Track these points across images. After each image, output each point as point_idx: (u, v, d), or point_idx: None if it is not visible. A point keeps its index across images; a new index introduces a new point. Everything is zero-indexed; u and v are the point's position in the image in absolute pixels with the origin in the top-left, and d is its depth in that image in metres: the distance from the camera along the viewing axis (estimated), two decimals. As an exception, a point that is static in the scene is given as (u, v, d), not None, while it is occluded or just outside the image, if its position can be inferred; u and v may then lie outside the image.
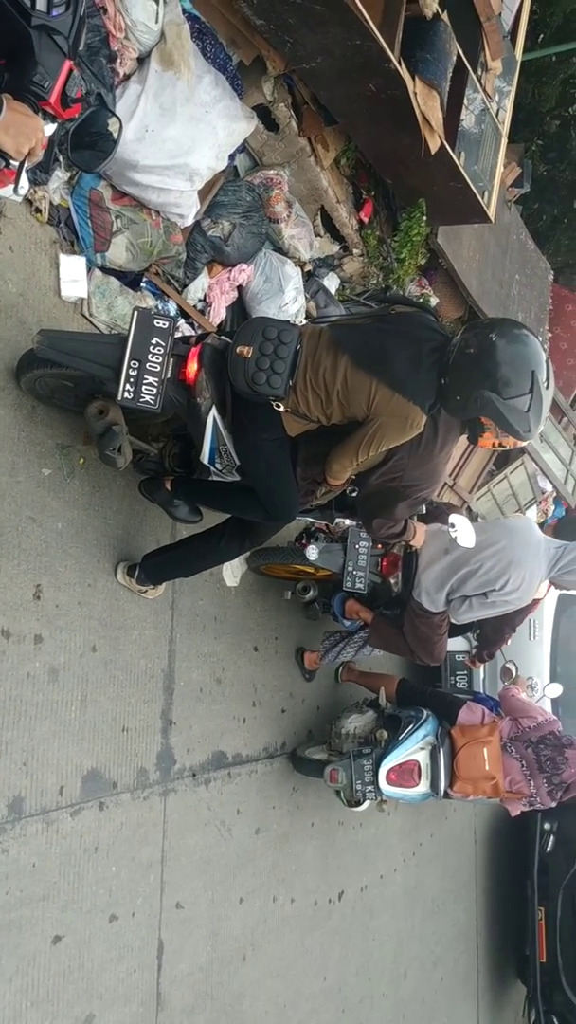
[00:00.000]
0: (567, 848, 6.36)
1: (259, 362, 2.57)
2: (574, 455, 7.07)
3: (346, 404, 2.63)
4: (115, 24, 3.17)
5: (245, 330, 2.63)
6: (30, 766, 2.85)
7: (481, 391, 2.47)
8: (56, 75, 1.96)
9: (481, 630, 4.45)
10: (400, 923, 5.45)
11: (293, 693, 4.51)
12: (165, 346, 2.57)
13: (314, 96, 3.95)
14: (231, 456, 2.83)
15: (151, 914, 3.31)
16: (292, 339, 2.60)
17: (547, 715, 4.23)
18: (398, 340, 2.60)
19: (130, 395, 2.54)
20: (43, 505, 3.05)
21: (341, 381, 2.59)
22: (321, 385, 2.62)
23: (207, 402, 2.68)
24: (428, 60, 3.84)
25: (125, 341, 2.55)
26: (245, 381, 2.58)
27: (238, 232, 3.90)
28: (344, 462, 2.77)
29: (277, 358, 2.58)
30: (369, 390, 2.56)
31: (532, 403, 2.47)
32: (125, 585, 3.35)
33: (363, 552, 3.84)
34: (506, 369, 2.44)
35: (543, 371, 2.47)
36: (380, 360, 2.57)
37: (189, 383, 2.67)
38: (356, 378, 2.58)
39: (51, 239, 3.28)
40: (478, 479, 6.26)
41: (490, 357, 2.44)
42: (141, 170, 3.32)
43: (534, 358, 2.46)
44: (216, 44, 3.58)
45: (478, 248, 5.41)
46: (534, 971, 6.25)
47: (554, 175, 7.49)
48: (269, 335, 2.59)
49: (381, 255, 4.73)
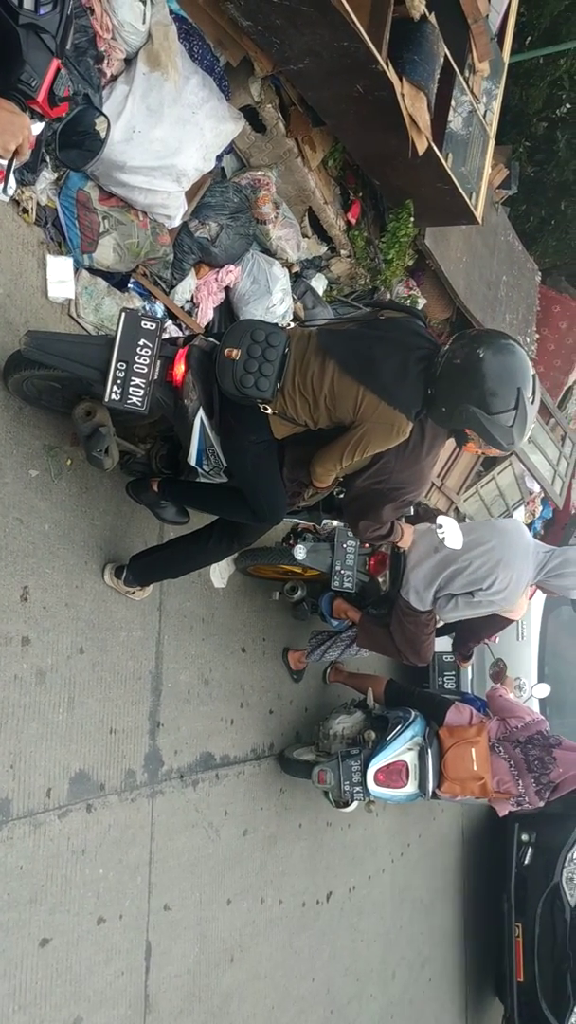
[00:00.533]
0: (546, 860, 5.96)
1: (247, 365, 2.57)
2: (561, 456, 7.10)
3: (333, 409, 2.64)
4: (102, 25, 3.16)
5: (233, 332, 2.63)
6: (17, 768, 2.84)
7: (466, 405, 2.48)
8: (44, 73, 1.96)
9: (457, 632, 4.47)
10: (388, 924, 5.46)
11: (281, 694, 4.51)
12: (152, 347, 2.56)
13: (301, 97, 3.95)
14: (218, 458, 2.83)
15: (139, 916, 3.30)
16: (280, 342, 2.60)
17: (534, 715, 4.25)
18: (386, 347, 2.61)
19: (117, 397, 2.54)
20: (30, 506, 3.04)
21: (328, 386, 2.60)
22: (309, 389, 2.63)
23: (194, 404, 2.68)
24: (416, 62, 3.85)
25: (112, 342, 2.54)
26: (233, 384, 2.58)
27: (225, 233, 3.90)
28: (328, 466, 2.78)
29: (265, 360, 2.58)
30: (356, 396, 2.57)
31: (516, 418, 2.49)
32: (113, 587, 3.34)
33: (351, 551, 3.84)
34: (492, 384, 2.45)
35: (529, 387, 2.48)
36: (367, 367, 2.57)
37: (176, 385, 2.67)
38: (343, 384, 2.58)
39: (38, 240, 3.27)
40: (466, 480, 6.27)
41: (477, 371, 2.45)
42: (128, 171, 3.32)
43: (520, 373, 2.47)
44: (203, 45, 3.57)
45: (466, 249, 5.43)
46: (511, 990, 5.94)
47: (541, 177, 7.51)
48: (257, 338, 2.59)
49: (369, 256, 4.74)
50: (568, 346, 7.35)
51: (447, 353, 2.54)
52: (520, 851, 6.06)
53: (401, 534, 3.39)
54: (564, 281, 7.97)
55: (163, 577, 3.46)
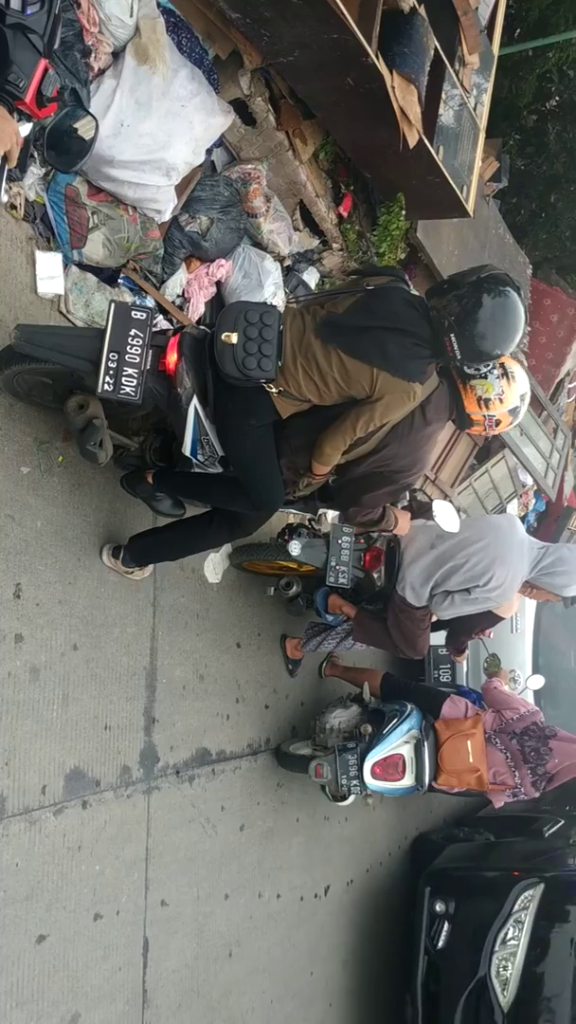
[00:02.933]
0: (468, 942, 4.32)
1: (247, 347, 2.59)
2: (553, 449, 7.10)
3: (345, 387, 2.69)
4: (89, 18, 3.14)
5: (226, 317, 2.64)
6: (12, 766, 2.84)
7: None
8: (31, 74, 1.95)
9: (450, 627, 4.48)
10: (387, 916, 5.46)
11: (277, 689, 4.50)
12: (144, 337, 2.56)
13: (291, 90, 3.94)
14: (213, 447, 2.82)
15: (136, 912, 3.30)
16: (274, 320, 2.64)
17: (529, 706, 4.26)
18: (385, 331, 2.65)
19: (110, 387, 2.53)
20: (22, 503, 3.03)
21: (338, 368, 2.66)
22: (315, 371, 2.67)
23: (188, 391, 2.68)
24: (406, 54, 3.84)
25: (103, 333, 2.54)
26: (236, 367, 2.60)
27: (216, 227, 3.88)
28: (338, 443, 2.81)
29: (264, 340, 2.61)
30: (371, 376, 2.64)
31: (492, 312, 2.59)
32: (111, 567, 3.35)
33: (346, 547, 3.84)
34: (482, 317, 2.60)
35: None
36: (374, 351, 2.64)
37: (169, 373, 2.67)
38: (354, 366, 2.65)
39: (27, 236, 3.26)
40: (459, 473, 6.27)
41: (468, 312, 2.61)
42: (117, 165, 3.30)
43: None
44: (192, 38, 3.55)
45: (457, 242, 5.42)
46: None
47: (532, 170, 7.51)
48: (251, 319, 2.61)
49: (360, 249, 4.73)
50: (559, 339, 7.36)
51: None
52: (433, 928, 4.51)
53: (395, 520, 3.40)
54: (555, 274, 7.97)
55: (161, 559, 3.47)
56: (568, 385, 7.91)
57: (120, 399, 2.55)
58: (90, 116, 2.69)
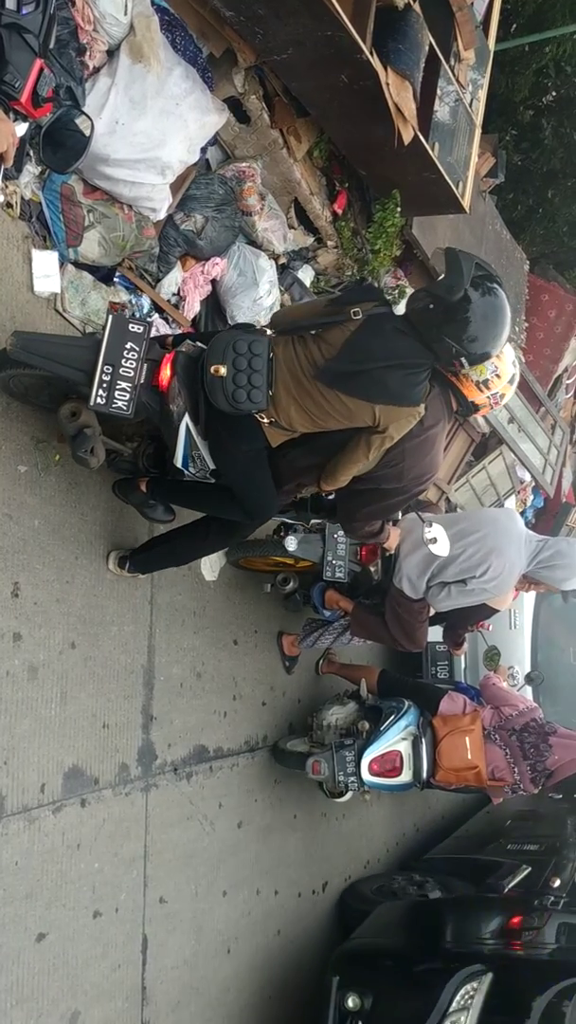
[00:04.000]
0: None
1: (236, 379, 2.57)
2: (551, 445, 7.11)
3: (348, 422, 2.67)
4: (84, 16, 3.14)
5: (215, 348, 2.62)
6: (11, 764, 2.85)
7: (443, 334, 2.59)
8: (27, 74, 1.96)
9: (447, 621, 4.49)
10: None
11: (274, 686, 4.51)
12: (139, 351, 2.55)
13: (286, 88, 3.93)
14: (204, 461, 2.82)
15: (135, 909, 3.31)
16: (263, 349, 2.60)
17: (528, 702, 4.27)
18: (384, 369, 2.61)
19: (103, 400, 2.53)
20: (20, 502, 3.04)
21: (340, 406, 2.64)
22: (313, 409, 2.66)
23: (180, 409, 2.67)
24: (400, 50, 3.83)
25: (99, 345, 2.53)
26: (226, 401, 2.59)
27: (211, 226, 3.88)
28: (352, 469, 2.79)
29: (253, 371, 2.58)
30: (373, 412, 2.61)
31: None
32: (117, 575, 3.39)
33: (342, 542, 3.85)
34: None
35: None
36: (375, 389, 2.60)
37: (162, 389, 2.66)
38: (355, 404, 2.62)
39: (23, 234, 3.25)
40: (457, 470, 6.28)
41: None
42: (112, 164, 3.30)
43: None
44: (186, 36, 3.55)
45: (453, 239, 5.41)
46: None
47: (528, 165, 7.50)
48: (240, 349, 2.58)
49: (356, 247, 4.73)
50: (557, 335, 7.36)
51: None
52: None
53: (388, 535, 3.40)
54: (552, 270, 7.97)
55: (165, 567, 3.51)
56: (566, 381, 7.91)
57: (112, 413, 2.55)
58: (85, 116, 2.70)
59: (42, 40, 1.98)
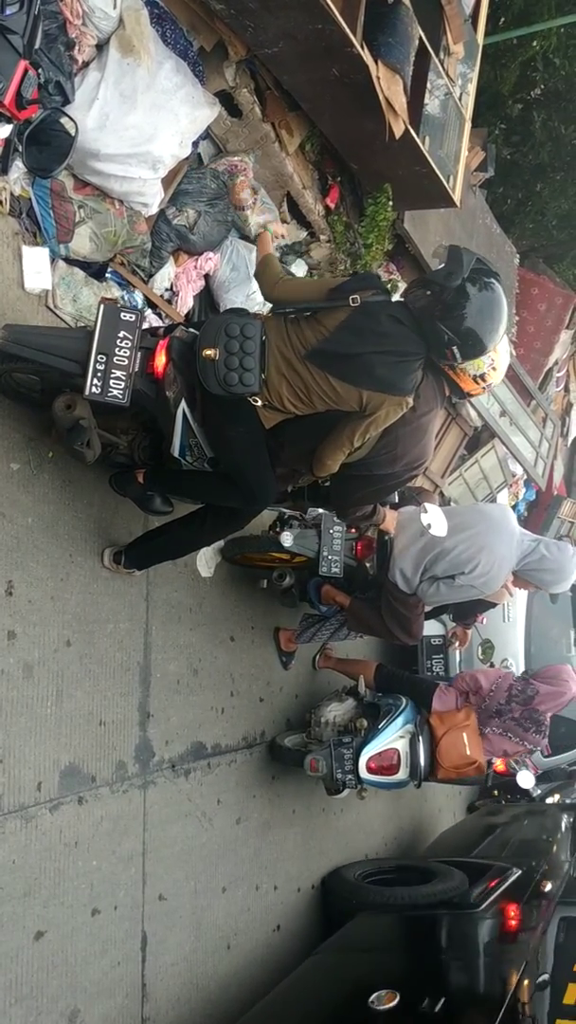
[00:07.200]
0: None
1: (228, 362, 2.57)
2: (543, 438, 7.12)
3: (334, 404, 2.68)
4: (72, 11, 3.12)
5: (207, 331, 2.61)
6: (7, 763, 2.83)
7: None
8: (11, 76, 1.95)
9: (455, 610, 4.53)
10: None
11: (271, 682, 4.51)
12: (132, 339, 2.54)
13: (277, 81, 3.93)
14: (202, 449, 2.81)
15: (134, 907, 3.30)
16: (256, 332, 2.60)
17: (498, 672, 4.34)
18: (375, 355, 2.62)
19: (98, 389, 2.52)
20: (13, 500, 3.02)
21: (328, 388, 2.65)
22: (301, 388, 2.67)
23: (176, 395, 2.67)
24: (391, 44, 3.83)
25: (91, 335, 2.52)
26: (218, 384, 2.58)
27: (203, 220, 3.87)
28: (337, 455, 2.81)
29: (245, 354, 2.58)
30: (360, 397, 2.63)
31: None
32: (112, 571, 3.36)
33: (337, 537, 3.85)
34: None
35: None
36: (363, 376, 2.61)
37: (157, 376, 2.65)
38: (343, 387, 2.64)
39: (13, 231, 3.23)
40: (450, 463, 6.29)
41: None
42: (103, 159, 3.28)
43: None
44: (176, 30, 3.54)
45: (444, 233, 5.42)
46: None
47: (517, 159, 7.51)
48: (232, 332, 2.58)
49: (348, 241, 4.72)
50: (547, 328, 7.38)
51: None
52: None
53: (384, 516, 3.41)
54: (542, 263, 7.99)
55: (161, 561, 3.49)
56: (556, 374, 7.94)
57: (107, 402, 2.54)
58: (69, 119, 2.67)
59: (26, 41, 1.97)
